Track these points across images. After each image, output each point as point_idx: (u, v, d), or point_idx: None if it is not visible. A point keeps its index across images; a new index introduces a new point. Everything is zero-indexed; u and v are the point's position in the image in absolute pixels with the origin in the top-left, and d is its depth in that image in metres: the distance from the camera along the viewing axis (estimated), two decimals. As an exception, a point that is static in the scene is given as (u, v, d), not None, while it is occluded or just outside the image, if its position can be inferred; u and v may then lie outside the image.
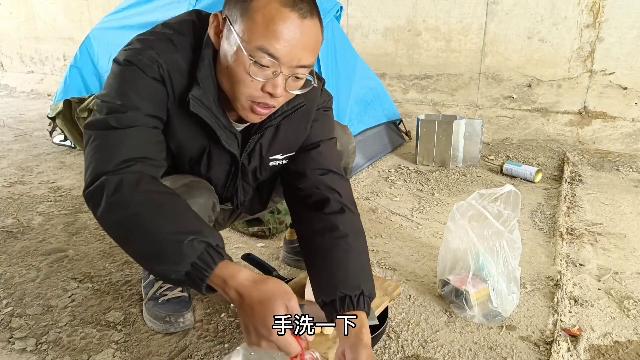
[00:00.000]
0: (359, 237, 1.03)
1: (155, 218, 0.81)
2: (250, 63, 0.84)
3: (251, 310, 0.75)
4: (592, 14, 3.01)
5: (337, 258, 0.96)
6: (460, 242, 1.30)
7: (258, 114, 0.93)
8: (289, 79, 0.88)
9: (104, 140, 0.88)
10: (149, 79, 0.90)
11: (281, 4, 0.81)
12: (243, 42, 0.83)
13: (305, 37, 0.84)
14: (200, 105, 0.92)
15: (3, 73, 6.06)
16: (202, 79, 0.92)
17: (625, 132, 3.02)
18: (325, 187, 1.06)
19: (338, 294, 0.91)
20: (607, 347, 1.16)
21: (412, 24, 3.60)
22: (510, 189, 1.33)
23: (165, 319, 1.22)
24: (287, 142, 1.09)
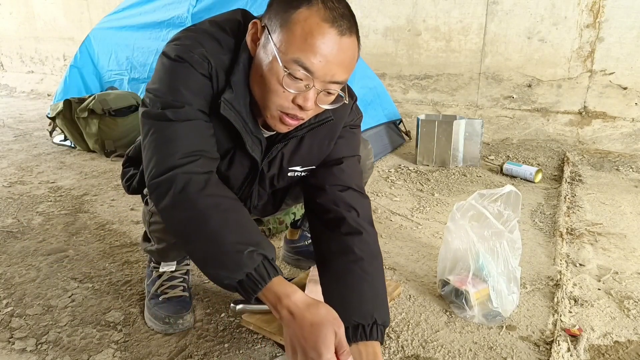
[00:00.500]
0: (374, 260, 1.01)
1: (220, 224, 0.85)
2: (285, 74, 0.84)
3: (301, 331, 0.78)
4: (592, 14, 3.01)
5: (351, 284, 0.96)
6: (461, 242, 1.30)
7: (286, 124, 0.93)
8: (321, 94, 0.88)
9: (164, 132, 0.89)
10: (199, 75, 0.90)
11: (322, 18, 0.81)
12: (280, 53, 0.83)
13: (342, 53, 0.84)
14: (230, 108, 0.92)
15: (3, 73, 6.06)
16: (235, 83, 0.92)
17: (625, 132, 3.02)
18: (343, 205, 1.05)
19: (352, 322, 0.90)
20: (607, 347, 1.16)
21: (412, 24, 3.60)
22: (511, 189, 1.33)
23: (164, 319, 1.22)
24: (309, 155, 1.08)
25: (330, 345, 0.77)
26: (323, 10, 0.81)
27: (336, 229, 1.03)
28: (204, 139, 0.92)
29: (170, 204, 0.86)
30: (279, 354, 1.13)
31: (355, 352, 0.88)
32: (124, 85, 3.11)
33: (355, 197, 1.08)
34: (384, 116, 2.88)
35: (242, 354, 1.13)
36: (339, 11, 0.83)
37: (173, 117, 0.89)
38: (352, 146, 1.14)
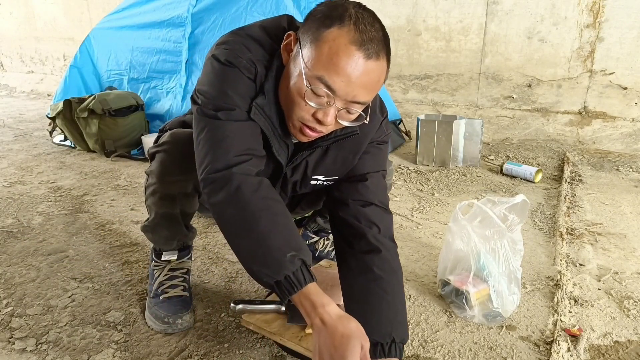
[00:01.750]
0: (394, 277, 1.03)
1: (269, 226, 0.89)
2: (307, 89, 0.87)
3: (332, 340, 0.82)
4: (592, 14, 3.01)
5: (371, 304, 0.99)
6: (462, 243, 1.30)
7: (306, 135, 0.95)
8: (342, 111, 0.90)
9: (218, 130, 0.92)
10: (247, 79, 0.94)
11: (350, 40, 0.83)
12: (306, 68, 0.86)
13: (365, 76, 0.85)
14: (261, 113, 0.95)
15: (3, 73, 6.06)
16: (268, 90, 0.95)
17: (625, 132, 3.02)
18: (365, 220, 1.06)
19: (372, 340, 0.91)
20: (607, 347, 1.16)
21: (412, 24, 3.60)
22: (522, 199, 1.31)
23: (164, 319, 1.22)
24: (332, 166, 1.10)
25: (356, 357, 0.81)
26: (354, 32, 0.83)
27: (356, 246, 1.05)
28: (254, 138, 0.95)
29: (224, 201, 0.90)
30: (278, 354, 1.13)
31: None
32: (124, 85, 3.11)
33: (377, 213, 1.08)
34: (384, 116, 2.88)
35: (242, 354, 1.13)
36: (369, 34, 0.84)
37: (225, 118, 0.92)
38: (378, 162, 1.14)
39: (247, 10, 2.66)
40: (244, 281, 1.47)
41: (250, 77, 0.94)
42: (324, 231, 1.54)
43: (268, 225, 0.89)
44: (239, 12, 2.68)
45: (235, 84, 0.94)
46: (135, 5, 3.11)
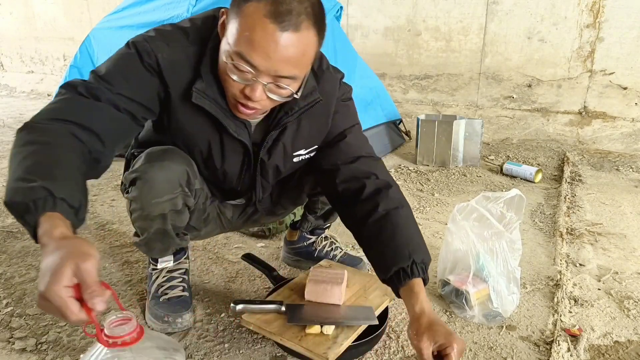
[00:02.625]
0: (400, 210, 1.05)
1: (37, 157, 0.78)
2: (229, 65, 0.87)
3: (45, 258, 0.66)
4: (592, 14, 3.01)
5: (385, 240, 1.01)
6: (461, 243, 1.30)
7: (241, 112, 0.96)
8: (271, 86, 0.90)
9: (67, 100, 0.89)
10: (142, 67, 0.93)
11: (265, 14, 0.81)
12: (228, 45, 0.87)
13: (284, 49, 0.84)
14: (204, 97, 0.95)
15: (3, 73, 6.06)
16: (205, 73, 0.95)
17: (625, 132, 3.02)
18: (359, 173, 1.09)
19: (392, 269, 0.97)
20: (607, 347, 1.16)
21: (412, 24, 3.60)
22: (516, 193, 1.32)
23: (163, 318, 1.22)
24: (309, 137, 1.12)
25: (60, 276, 0.63)
26: (270, 4, 0.81)
27: (360, 197, 1.07)
28: (98, 121, 0.89)
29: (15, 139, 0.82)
30: (278, 354, 1.13)
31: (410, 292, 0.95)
32: (124, 85, 3.11)
33: (367, 162, 1.11)
34: (383, 116, 2.88)
35: (242, 354, 1.13)
36: (287, 6, 0.81)
37: (84, 92, 0.89)
38: (350, 117, 1.17)
39: (247, 10, 2.66)
40: (244, 281, 1.47)
41: (149, 63, 0.93)
42: (319, 228, 1.54)
43: (31, 156, 0.77)
44: (239, 12, 2.68)
45: (125, 66, 0.93)
46: (135, 5, 3.11)
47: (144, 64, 0.94)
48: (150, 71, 0.94)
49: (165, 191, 1.06)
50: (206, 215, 1.29)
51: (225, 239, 1.74)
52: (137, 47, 0.94)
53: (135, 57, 0.94)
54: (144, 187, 1.05)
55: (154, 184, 1.04)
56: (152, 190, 1.05)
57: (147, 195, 1.06)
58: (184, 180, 1.07)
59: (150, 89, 0.96)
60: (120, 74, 0.93)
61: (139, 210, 1.10)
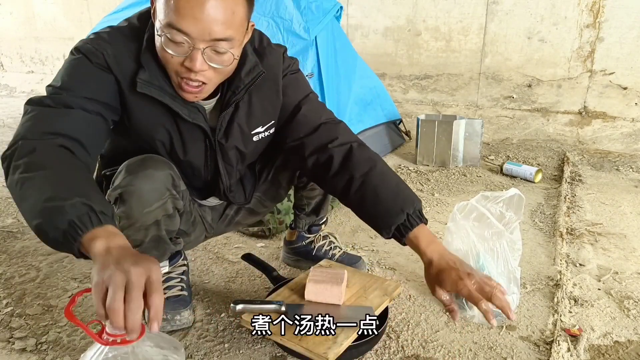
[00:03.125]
0: (374, 169, 1.09)
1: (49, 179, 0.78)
2: (164, 40, 0.88)
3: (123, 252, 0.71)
4: (592, 14, 3.01)
5: (372, 204, 1.06)
6: (461, 243, 1.30)
7: (187, 91, 0.96)
8: (209, 53, 0.90)
9: (38, 114, 0.89)
10: (93, 66, 0.95)
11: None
12: (157, 21, 0.89)
13: (212, 10, 0.85)
14: (149, 85, 0.96)
15: (3, 73, 6.06)
16: (146, 62, 0.96)
17: (625, 132, 3.02)
18: (324, 141, 1.12)
19: (392, 229, 1.03)
20: (607, 347, 1.16)
21: (412, 24, 3.60)
22: (515, 192, 1.32)
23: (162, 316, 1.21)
24: (263, 113, 1.13)
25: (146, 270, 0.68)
26: None
27: (331, 168, 1.11)
28: (76, 127, 0.90)
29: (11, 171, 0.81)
30: (278, 354, 1.13)
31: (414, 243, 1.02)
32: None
33: (328, 129, 1.14)
34: (383, 116, 2.88)
35: (242, 354, 1.13)
36: None
37: (52, 104, 0.90)
38: (302, 88, 1.18)
39: (247, 10, 2.66)
40: (244, 281, 1.47)
41: (99, 62, 0.95)
42: (315, 225, 1.53)
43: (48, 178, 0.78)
44: (239, 12, 2.68)
45: (78, 70, 0.94)
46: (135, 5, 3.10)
47: (93, 64, 0.95)
48: (102, 69, 0.95)
49: (154, 199, 1.05)
50: (193, 218, 1.28)
51: (225, 239, 1.74)
52: (81, 51, 0.95)
53: (84, 60, 0.95)
54: (132, 200, 1.04)
55: (142, 194, 1.03)
56: (141, 201, 1.04)
57: (137, 207, 1.05)
58: (170, 183, 1.07)
59: (108, 86, 0.97)
60: (76, 79, 0.94)
61: (132, 225, 1.09)
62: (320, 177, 1.16)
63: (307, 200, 1.43)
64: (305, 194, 1.41)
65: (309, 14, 2.26)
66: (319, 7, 2.32)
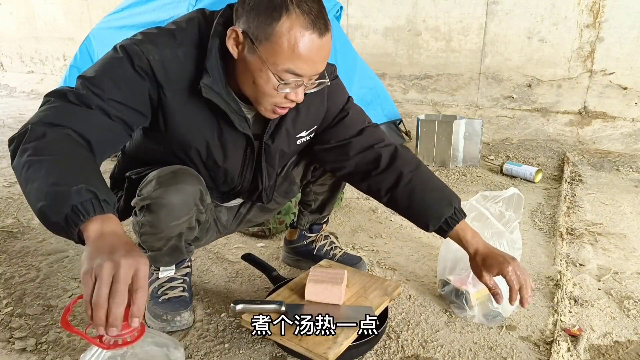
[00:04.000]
0: (421, 167, 1.21)
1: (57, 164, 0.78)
2: (280, 84, 0.93)
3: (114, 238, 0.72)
4: (592, 14, 3.01)
5: (421, 197, 1.17)
6: (461, 242, 1.30)
7: (279, 113, 1.03)
8: (309, 84, 0.98)
9: (58, 107, 0.88)
10: (132, 70, 0.93)
11: (303, 26, 0.87)
12: (271, 66, 0.91)
13: (324, 51, 0.93)
14: (211, 91, 0.97)
15: (3, 73, 6.06)
16: (211, 68, 0.97)
17: (625, 132, 3.02)
18: (371, 142, 1.21)
19: (441, 220, 1.15)
20: (607, 347, 1.16)
21: (412, 24, 3.60)
22: (514, 191, 1.33)
23: (162, 317, 1.22)
24: (308, 118, 1.17)
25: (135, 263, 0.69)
26: (302, 16, 0.87)
27: (379, 167, 1.20)
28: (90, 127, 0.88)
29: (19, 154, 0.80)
30: (278, 354, 1.13)
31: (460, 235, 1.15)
32: (124, 85, 3.10)
33: (373, 131, 1.23)
34: (383, 116, 2.88)
35: (242, 354, 1.13)
36: (314, 12, 0.88)
37: (73, 100, 0.88)
38: (344, 93, 1.25)
39: (247, 10, 2.66)
40: (244, 281, 1.47)
41: (140, 66, 0.93)
42: (316, 223, 1.54)
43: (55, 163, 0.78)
44: (239, 12, 2.68)
45: (115, 70, 0.92)
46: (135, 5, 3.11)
47: (135, 67, 0.93)
48: (141, 75, 0.94)
49: (183, 213, 1.08)
50: (208, 225, 1.30)
51: (225, 239, 1.74)
52: (127, 51, 0.93)
53: (125, 61, 0.93)
54: (162, 212, 1.05)
55: (173, 208, 1.05)
56: (171, 214, 1.06)
57: (166, 220, 1.07)
58: (198, 198, 1.09)
59: (142, 93, 0.95)
60: (110, 79, 0.92)
61: (153, 234, 1.11)
62: (362, 176, 1.23)
63: (315, 195, 1.44)
64: (315, 188, 1.42)
65: (309, 14, 2.25)
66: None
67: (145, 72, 0.94)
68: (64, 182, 0.75)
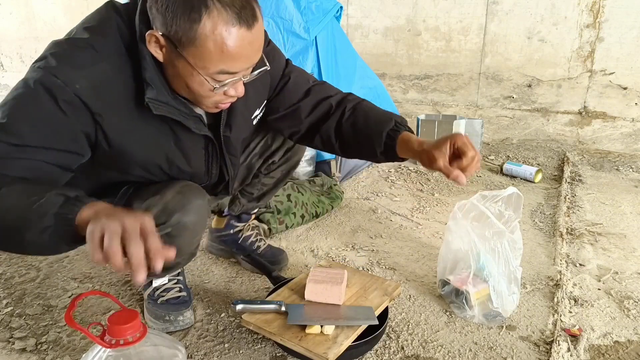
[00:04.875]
0: (364, 101, 1.20)
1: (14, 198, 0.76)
2: (213, 84, 0.87)
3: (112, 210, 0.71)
4: (592, 14, 3.01)
5: (364, 123, 1.13)
6: (461, 243, 1.30)
7: (222, 108, 0.97)
8: (246, 75, 0.92)
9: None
10: (56, 107, 0.82)
11: (228, 22, 0.79)
12: (202, 70, 0.84)
13: (257, 42, 0.86)
14: (159, 104, 0.90)
15: (3, 73, 6.06)
16: (152, 79, 0.88)
17: (625, 132, 3.02)
18: (319, 99, 1.17)
19: (383, 136, 1.08)
20: (607, 347, 1.16)
21: (412, 24, 3.60)
22: (513, 191, 1.33)
23: (164, 317, 1.22)
24: (257, 95, 1.13)
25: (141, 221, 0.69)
26: (224, 11, 0.79)
27: (328, 117, 1.16)
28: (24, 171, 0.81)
29: None
30: (278, 354, 1.13)
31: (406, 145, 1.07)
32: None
33: (318, 90, 1.19)
34: (384, 116, 2.88)
35: (242, 354, 1.13)
36: (238, 2, 0.80)
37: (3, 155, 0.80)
38: (281, 56, 1.18)
39: (247, 10, 2.66)
40: (244, 281, 1.47)
41: (66, 101, 0.82)
42: (247, 213, 1.51)
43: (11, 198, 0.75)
44: (239, 12, 2.68)
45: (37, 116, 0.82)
46: (135, 5, 3.10)
47: (59, 104, 0.82)
48: (67, 111, 0.82)
49: (202, 228, 1.10)
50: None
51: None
52: (44, 86, 0.81)
53: (44, 98, 0.81)
54: (185, 234, 1.03)
55: (195, 228, 1.05)
56: (194, 233, 1.07)
57: (190, 239, 1.07)
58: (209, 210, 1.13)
59: (71, 131, 0.85)
60: (31, 124, 0.81)
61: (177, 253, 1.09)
62: (314, 131, 1.18)
63: (261, 186, 1.41)
64: (264, 180, 1.40)
65: (309, 14, 2.26)
66: (319, 7, 2.32)
67: (74, 106, 0.83)
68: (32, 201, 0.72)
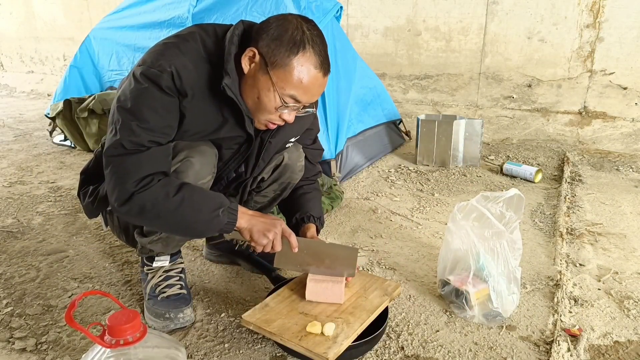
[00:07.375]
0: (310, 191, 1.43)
1: (193, 210, 1.05)
2: (280, 103, 1.07)
3: (262, 218, 1.14)
4: (592, 14, 3.01)
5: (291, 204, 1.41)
6: (461, 243, 1.30)
7: (270, 127, 1.16)
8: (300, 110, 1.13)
9: (121, 164, 1.03)
10: (162, 93, 1.03)
11: (313, 64, 1.04)
12: (279, 89, 1.05)
13: (323, 87, 1.11)
14: (230, 91, 1.07)
15: (3, 73, 6.06)
16: (231, 70, 1.07)
17: (625, 132, 3.02)
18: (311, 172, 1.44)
19: (292, 221, 1.36)
20: (607, 347, 1.16)
21: (412, 24, 3.60)
22: (515, 192, 1.32)
23: (164, 315, 1.22)
24: (299, 128, 1.32)
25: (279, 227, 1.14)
26: (314, 56, 1.04)
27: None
28: (157, 163, 1.06)
29: (145, 217, 1.06)
30: (278, 354, 1.13)
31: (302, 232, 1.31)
32: (124, 85, 3.10)
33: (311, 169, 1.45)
34: (383, 116, 2.88)
35: (242, 354, 1.13)
36: (323, 55, 1.06)
37: (130, 147, 1.03)
38: (318, 126, 1.45)
39: (247, 10, 2.66)
40: (244, 281, 1.47)
41: (167, 85, 1.02)
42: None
43: (191, 210, 1.05)
44: (239, 12, 2.68)
45: (149, 101, 1.03)
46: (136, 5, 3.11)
47: (163, 89, 1.02)
48: (170, 93, 1.04)
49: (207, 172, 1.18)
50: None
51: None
52: (148, 77, 1.02)
53: (153, 88, 1.02)
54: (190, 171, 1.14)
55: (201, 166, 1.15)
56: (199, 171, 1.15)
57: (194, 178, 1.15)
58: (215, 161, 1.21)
59: (175, 108, 1.07)
60: (148, 111, 1.03)
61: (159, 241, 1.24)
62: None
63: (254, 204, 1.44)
64: (257, 198, 1.42)
65: (309, 14, 2.26)
66: (319, 7, 2.32)
67: (171, 88, 1.03)
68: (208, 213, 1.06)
